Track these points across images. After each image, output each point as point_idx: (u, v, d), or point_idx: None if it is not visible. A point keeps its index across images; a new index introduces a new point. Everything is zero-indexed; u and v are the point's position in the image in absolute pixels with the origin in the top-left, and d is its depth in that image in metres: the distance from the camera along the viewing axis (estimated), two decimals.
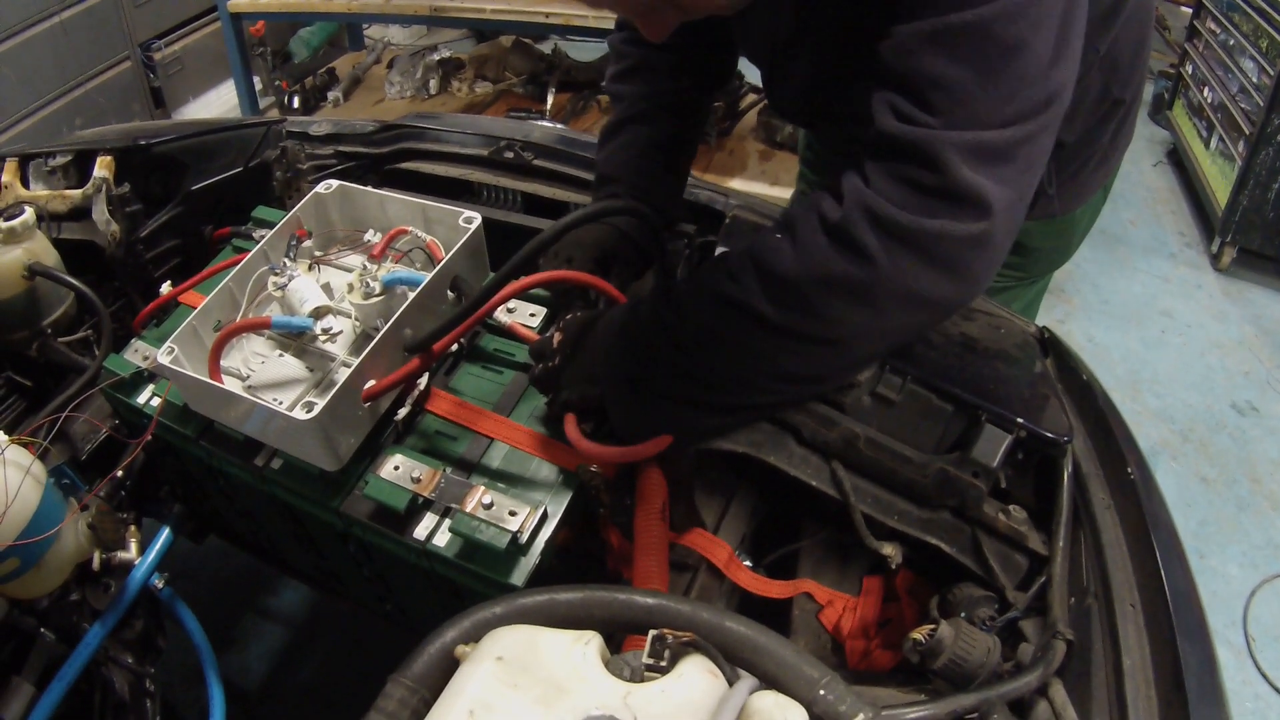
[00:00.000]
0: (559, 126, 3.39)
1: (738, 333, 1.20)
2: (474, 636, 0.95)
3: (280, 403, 1.40)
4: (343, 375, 1.37)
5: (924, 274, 1.11)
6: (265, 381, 1.48)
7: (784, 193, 3.67)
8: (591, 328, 1.36)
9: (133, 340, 1.69)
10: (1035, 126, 1.09)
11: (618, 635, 1.15)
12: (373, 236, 1.64)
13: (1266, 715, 2.66)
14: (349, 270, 1.63)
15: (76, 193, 1.83)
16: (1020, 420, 1.27)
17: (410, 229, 1.60)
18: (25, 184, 1.87)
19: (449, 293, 1.53)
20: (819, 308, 1.15)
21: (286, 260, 1.59)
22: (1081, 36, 1.13)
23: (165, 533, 1.74)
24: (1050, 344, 1.54)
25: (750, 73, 2.36)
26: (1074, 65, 1.12)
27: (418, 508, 1.37)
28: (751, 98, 4.36)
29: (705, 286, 1.23)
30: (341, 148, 2.19)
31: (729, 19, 1.52)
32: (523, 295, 1.54)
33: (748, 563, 1.45)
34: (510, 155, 2.07)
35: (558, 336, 1.38)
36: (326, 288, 1.59)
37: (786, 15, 1.41)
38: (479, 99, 4.87)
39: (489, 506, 1.30)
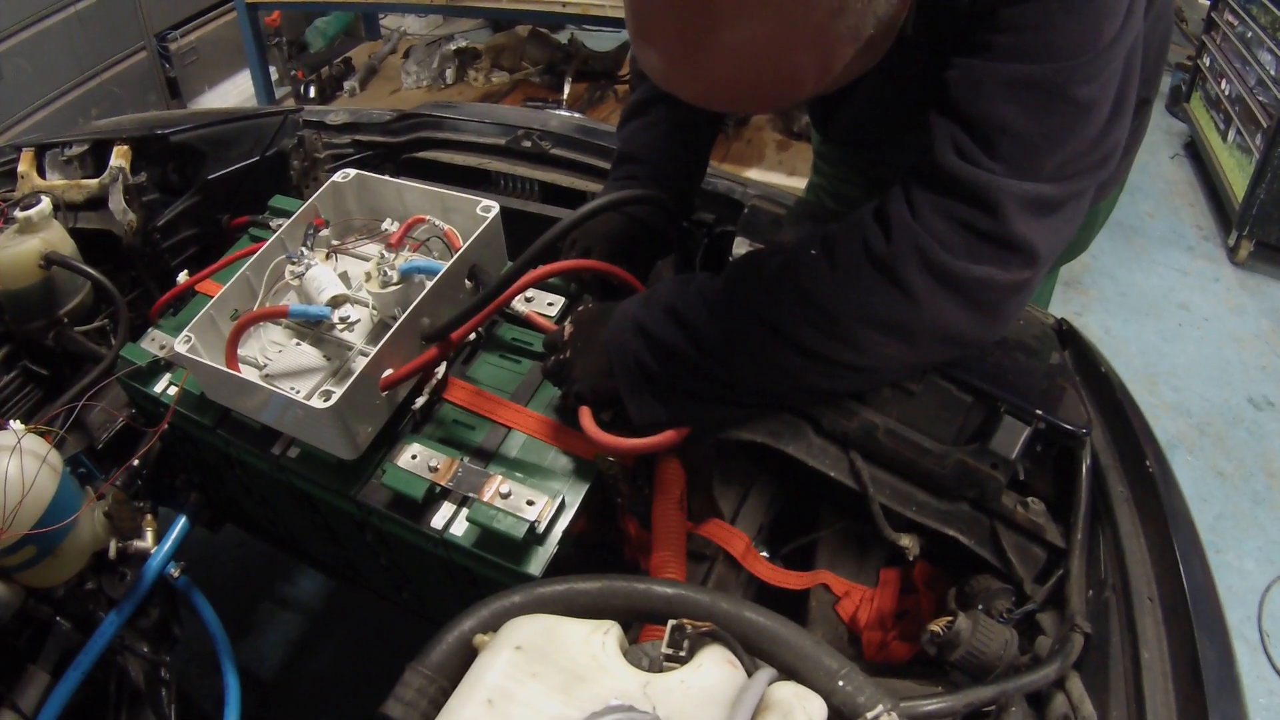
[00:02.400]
0: (576, 115, 3.39)
1: (765, 349, 1.19)
2: (492, 625, 0.95)
3: (298, 391, 1.40)
4: (360, 364, 1.37)
5: (962, 316, 1.12)
6: (282, 370, 1.48)
7: (801, 182, 3.64)
8: (604, 320, 1.34)
9: (149, 329, 1.70)
10: (1089, 182, 1.11)
11: (635, 625, 1.15)
12: (390, 225, 1.64)
13: None
14: (366, 259, 1.63)
15: (93, 182, 1.84)
16: (1039, 412, 1.27)
17: (428, 218, 1.60)
18: (42, 174, 1.88)
19: (467, 281, 1.53)
20: (855, 338, 1.14)
21: (304, 249, 1.59)
22: (1135, 92, 1.14)
23: (181, 521, 1.75)
24: (1068, 335, 1.53)
25: None
26: (1128, 121, 1.14)
27: (435, 497, 1.37)
28: None
29: (734, 296, 1.22)
30: (359, 137, 2.20)
31: None
32: (541, 284, 1.54)
33: (765, 553, 1.45)
34: (528, 144, 2.07)
35: (569, 329, 1.38)
36: (344, 276, 1.58)
37: None
38: (495, 89, 4.86)
39: (506, 496, 1.31)
